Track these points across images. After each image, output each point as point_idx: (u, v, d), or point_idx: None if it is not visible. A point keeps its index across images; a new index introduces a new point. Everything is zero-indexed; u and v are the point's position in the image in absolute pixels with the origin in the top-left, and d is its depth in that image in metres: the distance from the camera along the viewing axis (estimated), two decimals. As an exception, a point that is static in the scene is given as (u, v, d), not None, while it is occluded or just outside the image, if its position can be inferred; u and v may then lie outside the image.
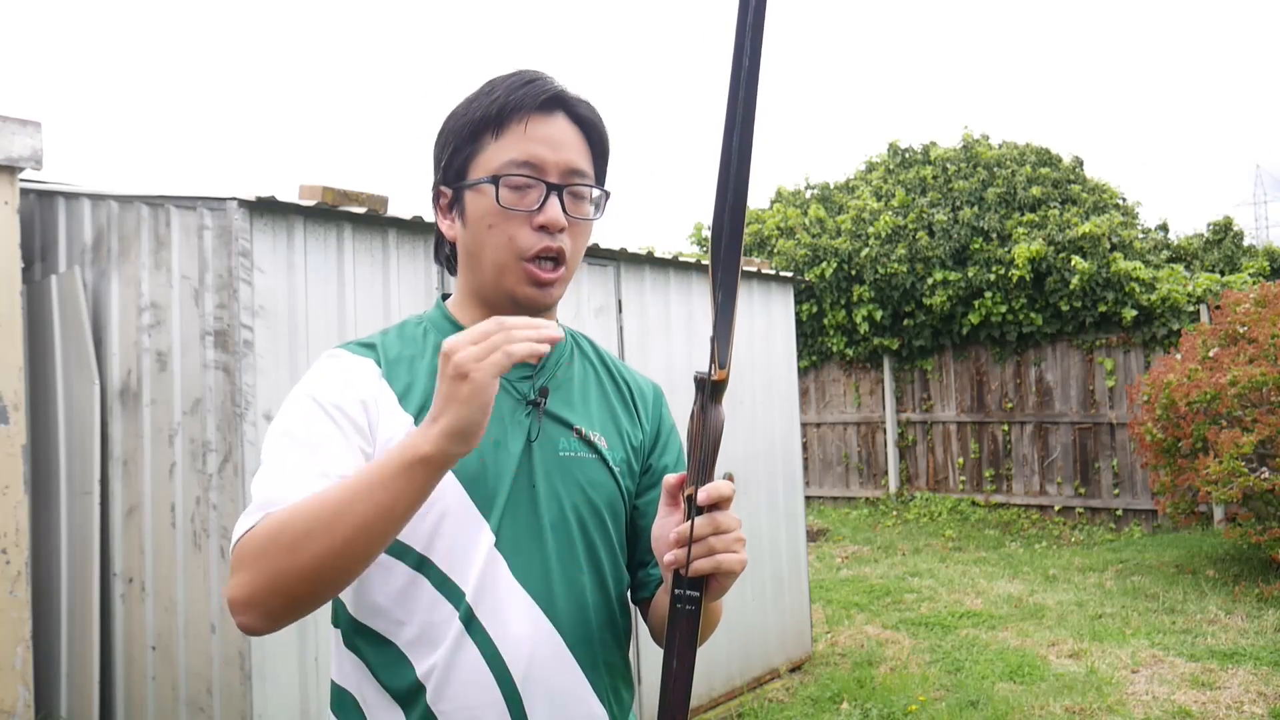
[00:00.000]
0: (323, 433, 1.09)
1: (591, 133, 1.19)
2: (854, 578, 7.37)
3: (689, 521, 0.97)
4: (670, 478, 1.03)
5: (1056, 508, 9.31)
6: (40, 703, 3.46)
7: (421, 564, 1.11)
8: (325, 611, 1.18)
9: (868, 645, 5.56)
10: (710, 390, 0.99)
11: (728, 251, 0.98)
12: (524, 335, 0.93)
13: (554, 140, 1.15)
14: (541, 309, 1.18)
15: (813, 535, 9.08)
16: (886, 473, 10.45)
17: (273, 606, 0.98)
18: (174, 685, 3.18)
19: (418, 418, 1.13)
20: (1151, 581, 6.80)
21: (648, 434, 1.29)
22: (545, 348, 0.93)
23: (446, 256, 1.26)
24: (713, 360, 0.98)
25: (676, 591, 0.98)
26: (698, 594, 0.98)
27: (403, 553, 1.11)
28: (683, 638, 0.98)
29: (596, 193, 1.19)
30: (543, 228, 1.13)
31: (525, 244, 1.13)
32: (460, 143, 1.17)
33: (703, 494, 0.97)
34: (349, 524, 0.93)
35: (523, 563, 1.13)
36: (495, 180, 1.13)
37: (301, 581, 0.95)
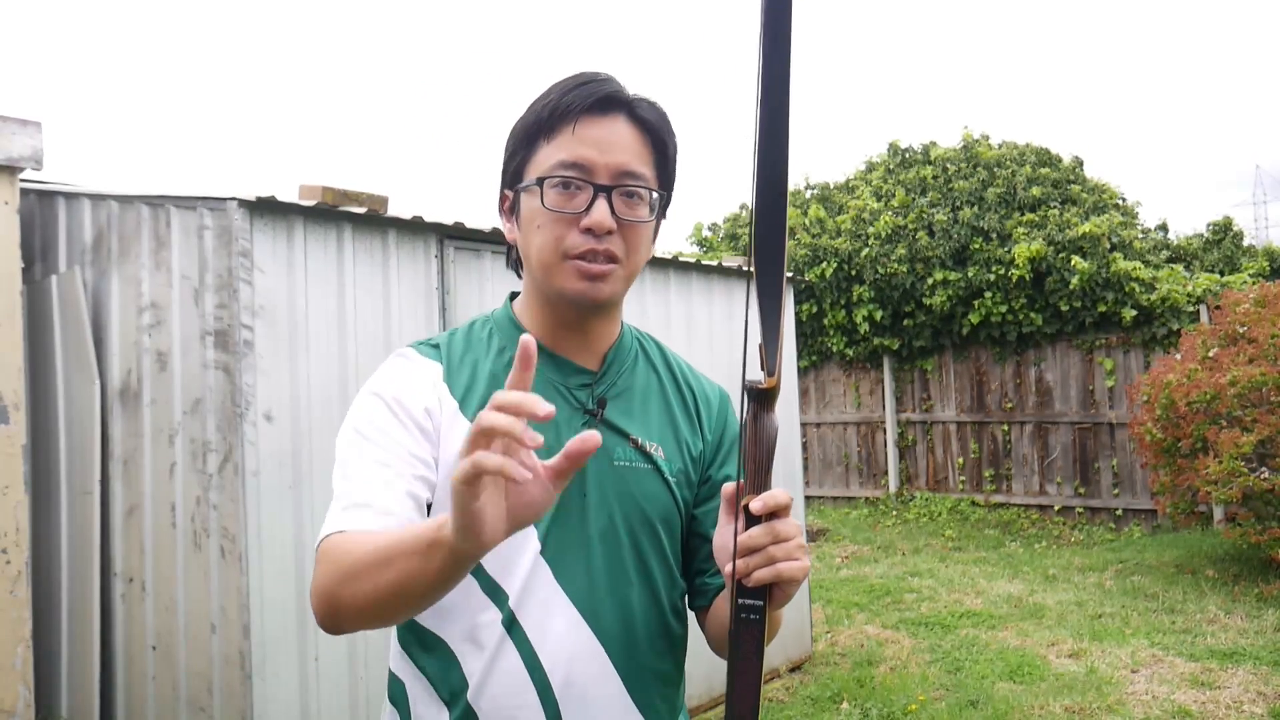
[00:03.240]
0: (384, 425, 1.12)
1: (652, 134, 1.17)
2: (854, 578, 7.37)
3: (748, 531, 0.96)
4: (728, 487, 1.02)
5: (1056, 508, 9.31)
6: (40, 703, 3.46)
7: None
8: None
9: (868, 645, 5.56)
10: (761, 398, 0.98)
11: (770, 254, 0.96)
12: (504, 405, 0.80)
13: (605, 142, 1.13)
14: (595, 305, 1.17)
15: (813, 535, 9.08)
16: (886, 473, 10.45)
17: (338, 625, 1.02)
18: (174, 685, 3.18)
19: (474, 414, 1.14)
20: (1151, 581, 6.80)
21: (709, 444, 1.28)
22: (521, 436, 0.79)
23: (515, 260, 1.25)
24: (762, 367, 0.97)
25: (741, 601, 0.98)
26: (761, 603, 0.97)
27: None
28: (747, 648, 0.98)
29: (653, 195, 1.17)
30: (589, 230, 1.12)
31: (571, 245, 1.13)
32: (517, 146, 1.18)
33: (758, 503, 0.96)
34: (384, 582, 0.95)
35: (567, 571, 1.14)
36: (541, 182, 1.13)
37: (353, 614, 1.00)
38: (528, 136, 1.16)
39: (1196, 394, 6.43)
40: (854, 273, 10.27)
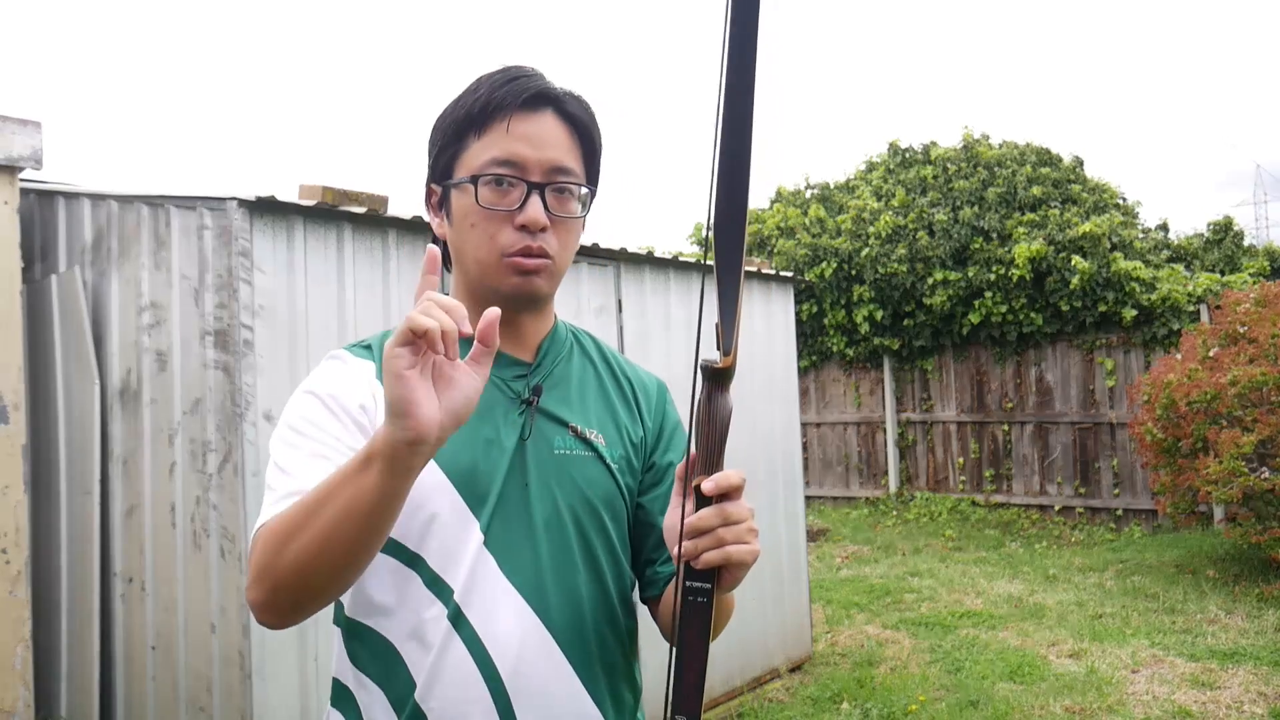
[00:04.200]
0: (319, 420, 1.11)
1: (580, 130, 1.18)
2: (854, 578, 7.37)
3: (698, 514, 0.96)
4: (680, 466, 1.02)
5: (1056, 508, 9.31)
6: (40, 703, 3.46)
7: (414, 561, 1.12)
8: (325, 610, 1.18)
9: (868, 645, 5.56)
10: (716, 378, 0.97)
11: (730, 232, 0.95)
12: (428, 310, 0.88)
13: (537, 138, 1.13)
14: (530, 300, 1.17)
15: (813, 535, 9.08)
16: (886, 473, 10.45)
17: (278, 604, 1.00)
18: (174, 685, 3.18)
19: None
20: (1151, 581, 6.80)
21: (650, 430, 1.28)
22: (444, 338, 0.88)
23: (444, 255, 1.25)
24: (718, 346, 0.97)
25: (687, 584, 0.97)
26: (709, 585, 0.97)
27: (396, 550, 1.12)
28: (694, 630, 0.97)
29: (583, 190, 1.18)
30: (523, 227, 1.12)
31: (506, 243, 1.13)
32: (446, 141, 1.17)
33: (709, 483, 0.95)
34: (323, 523, 0.94)
35: (513, 562, 1.12)
36: (475, 179, 1.13)
37: (294, 580, 0.97)
38: (457, 131, 1.16)
39: (1197, 394, 6.43)
40: (854, 273, 10.27)
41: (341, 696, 1.18)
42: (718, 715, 4.57)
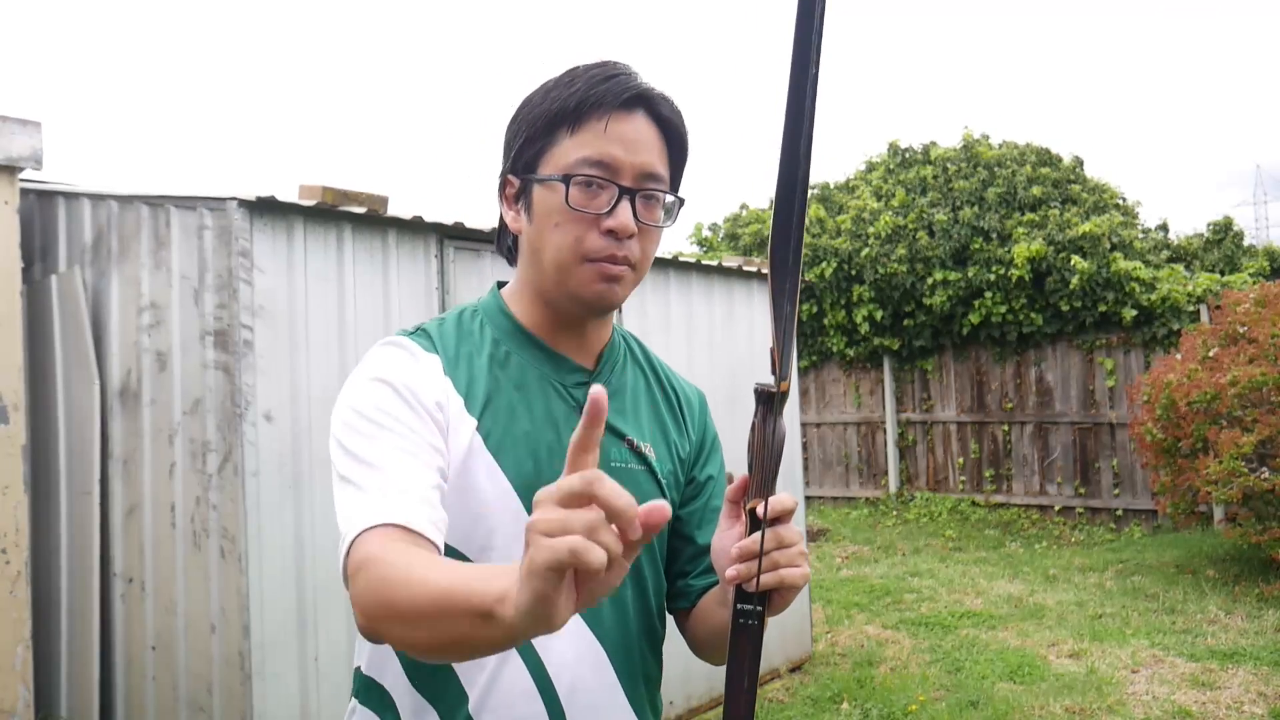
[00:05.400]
0: (396, 411, 1.04)
1: (672, 134, 1.13)
2: (854, 578, 7.37)
3: (752, 536, 0.96)
4: (732, 490, 1.01)
5: (1056, 508, 9.31)
6: (40, 703, 3.46)
7: None
8: (325, 611, 1.17)
9: (868, 645, 5.56)
10: (771, 402, 0.97)
11: (788, 256, 0.94)
12: (604, 542, 0.69)
13: (631, 141, 1.08)
14: (608, 308, 1.13)
15: (813, 535, 9.08)
16: (886, 473, 10.45)
17: (379, 641, 0.95)
18: (174, 685, 3.18)
19: (481, 420, 1.09)
20: (1151, 581, 6.80)
21: (694, 444, 1.27)
22: (611, 578, 0.72)
23: (509, 247, 1.20)
24: (774, 371, 0.96)
25: (740, 606, 0.97)
26: (761, 608, 0.97)
27: (456, 559, 1.08)
28: (747, 653, 0.97)
29: (670, 199, 1.13)
30: (611, 232, 1.07)
31: (592, 247, 1.08)
32: (534, 133, 1.11)
33: (764, 508, 0.95)
34: (434, 636, 0.86)
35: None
36: (567, 179, 1.07)
37: (399, 645, 0.93)
38: (549, 125, 1.10)
39: (1197, 394, 6.43)
40: (854, 273, 10.27)
41: (371, 692, 1.14)
42: (718, 715, 4.57)
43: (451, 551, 1.07)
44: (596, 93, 1.07)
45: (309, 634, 3.05)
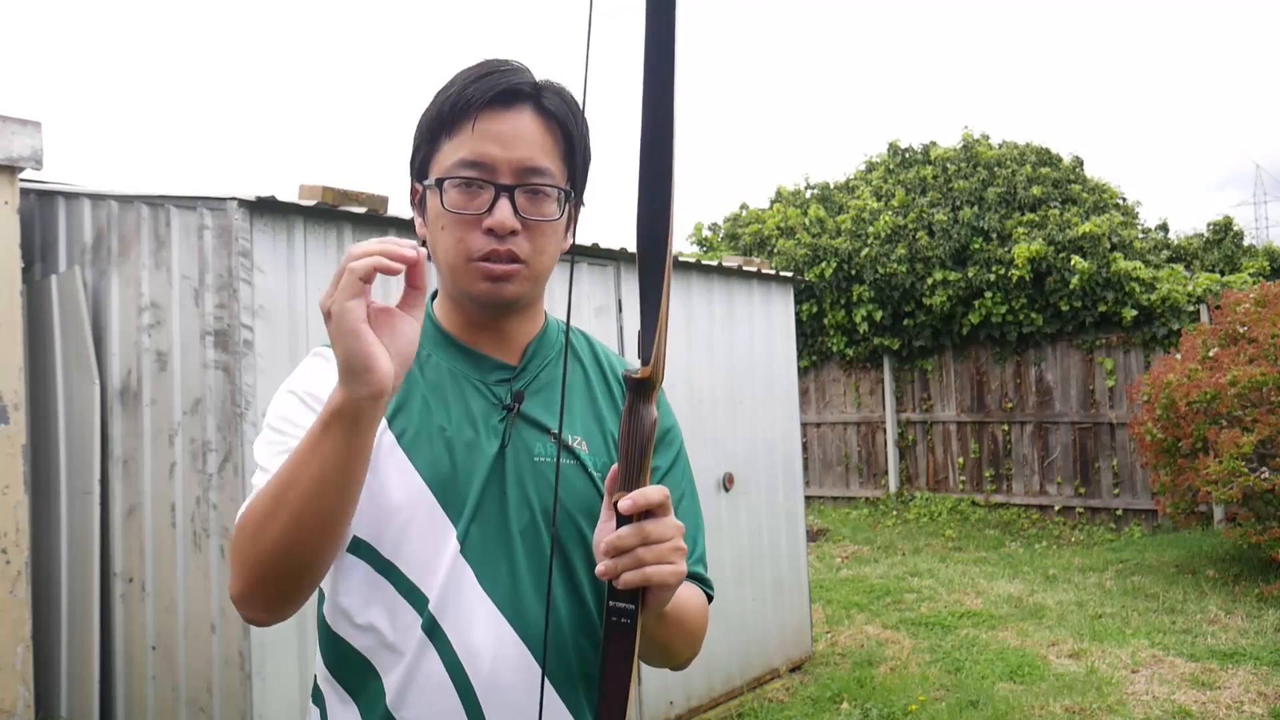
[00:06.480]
0: (297, 418, 1.09)
1: (559, 124, 1.12)
2: (854, 578, 7.37)
3: (617, 532, 0.92)
4: (607, 481, 0.97)
5: (1056, 508, 9.31)
6: (40, 703, 3.46)
7: (388, 569, 1.09)
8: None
9: (868, 645, 5.56)
10: (637, 388, 0.93)
11: (650, 239, 0.93)
12: (365, 250, 0.92)
13: (507, 137, 1.08)
14: (501, 305, 1.14)
15: (813, 535, 9.08)
16: (886, 473, 10.45)
17: (264, 596, 0.99)
18: (174, 685, 3.18)
19: (393, 421, 1.12)
20: (1151, 581, 6.80)
21: None
22: (389, 263, 0.91)
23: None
24: (640, 356, 0.93)
25: (612, 604, 0.93)
26: (633, 607, 0.92)
27: (371, 557, 1.10)
28: (616, 652, 0.93)
29: (555, 190, 1.12)
30: (491, 230, 1.08)
31: (473, 247, 1.09)
32: (420, 140, 1.14)
33: (625, 502, 0.91)
34: (294, 499, 0.94)
35: (489, 571, 1.10)
36: (441, 182, 1.09)
37: (272, 566, 0.97)
38: (431, 131, 1.12)
39: (1196, 394, 6.43)
40: (854, 272, 10.27)
41: (317, 694, 1.17)
42: (718, 715, 4.57)
43: (365, 546, 1.10)
44: (469, 92, 1.09)
45: (309, 634, 3.05)
